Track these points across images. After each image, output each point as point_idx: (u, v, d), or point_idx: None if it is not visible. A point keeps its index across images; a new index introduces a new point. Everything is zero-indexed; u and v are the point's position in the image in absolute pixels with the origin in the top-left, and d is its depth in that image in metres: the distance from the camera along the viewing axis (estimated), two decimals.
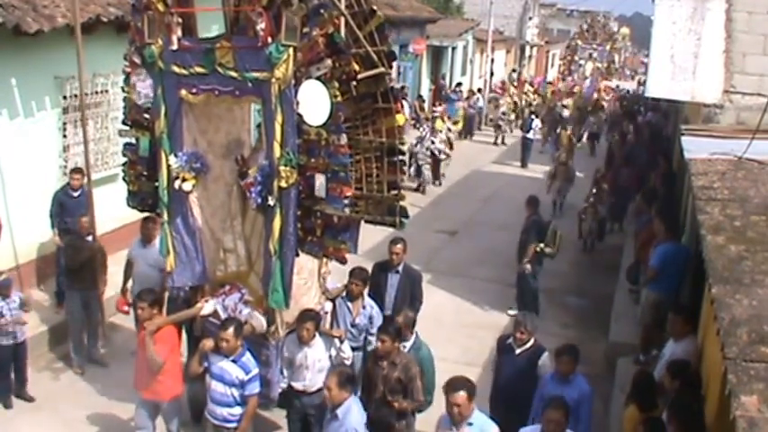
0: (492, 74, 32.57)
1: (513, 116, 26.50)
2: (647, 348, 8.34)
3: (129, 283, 8.16)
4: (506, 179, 19.29)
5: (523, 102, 28.71)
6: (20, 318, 7.32)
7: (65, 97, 9.64)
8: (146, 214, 7.64)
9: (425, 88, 25.15)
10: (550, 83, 39.99)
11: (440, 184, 17.82)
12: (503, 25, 37.20)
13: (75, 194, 8.99)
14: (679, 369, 5.99)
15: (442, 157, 17.70)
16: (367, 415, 5.47)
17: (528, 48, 43.77)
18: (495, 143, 24.39)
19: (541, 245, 10.05)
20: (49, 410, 7.42)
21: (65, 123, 9.76)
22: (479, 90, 28.32)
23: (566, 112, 25.70)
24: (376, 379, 5.97)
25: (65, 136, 9.79)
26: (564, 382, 6.05)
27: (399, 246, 7.64)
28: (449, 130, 18.94)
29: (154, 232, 7.90)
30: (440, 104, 21.91)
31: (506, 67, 37.45)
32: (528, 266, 10.17)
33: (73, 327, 8.26)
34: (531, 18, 42.75)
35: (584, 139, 24.96)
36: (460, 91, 25.92)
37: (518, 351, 6.46)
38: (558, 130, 21.28)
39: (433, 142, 17.18)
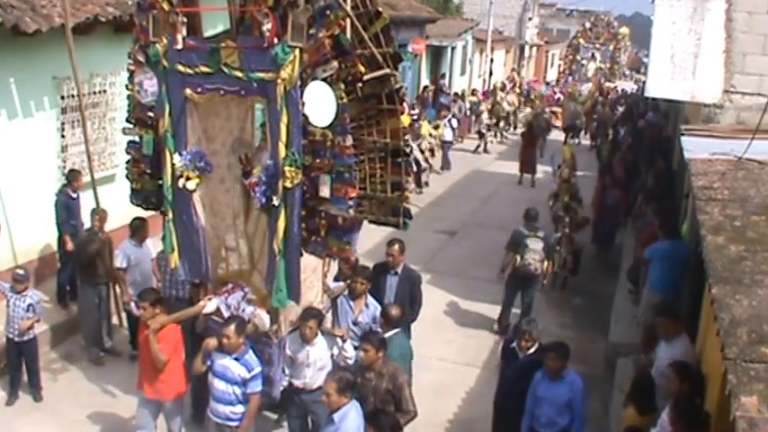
0: (491, 74, 32.49)
1: (493, 121, 24.88)
2: (648, 350, 8.30)
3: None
4: (505, 179, 19.26)
5: (502, 107, 26.54)
6: (23, 318, 7.29)
7: (63, 97, 9.64)
8: (134, 215, 7.72)
9: None
10: (548, 83, 39.12)
11: (420, 192, 16.70)
12: (502, 25, 37.23)
13: (75, 196, 9.02)
14: (685, 370, 5.93)
15: (424, 166, 16.95)
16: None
17: (527, 48, 43.76)
18: (476, 151, 22.99)
19: (518, 257, 9.62)
20: (49, 410, 7.42)
21: (63, 123, 9.76)
22: (473, 92, 27.31)
23: (557, 122, 24.72)
24: (366, 392, 5.84)
25: (63, 136, 9.79)
26: (555, 379, 6.03)
27: (395, 247, 7.60)
28: (430, 135, 18.15)
29: (146, 232, 8.09)
30: (419, 108, 20.21)
31: (506, 67, 37.37)
32: (501, 273, 10.00)
33: (89, 321, 8.31)
34: (530, 18, 42.71)
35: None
36: (457, 93, 25.34)
37: (522, 356, 6.46)
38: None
39: (414, 150, 15.86)
